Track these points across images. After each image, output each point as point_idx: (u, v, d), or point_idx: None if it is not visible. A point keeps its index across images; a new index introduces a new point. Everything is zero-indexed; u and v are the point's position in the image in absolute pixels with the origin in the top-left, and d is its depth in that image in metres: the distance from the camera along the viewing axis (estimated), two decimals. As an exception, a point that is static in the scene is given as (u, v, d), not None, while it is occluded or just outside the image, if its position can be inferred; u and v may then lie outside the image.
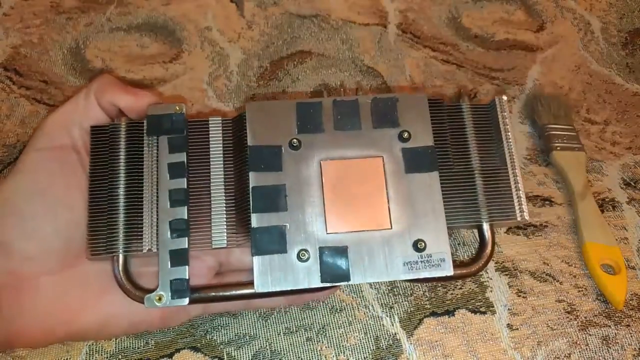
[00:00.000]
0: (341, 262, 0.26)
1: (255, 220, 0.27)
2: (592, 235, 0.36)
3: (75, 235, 0.27)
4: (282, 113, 0.29)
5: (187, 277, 0.26)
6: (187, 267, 0.27)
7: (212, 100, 0.42)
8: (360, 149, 0.28)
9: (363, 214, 0.27)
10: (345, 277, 0.26)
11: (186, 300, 0.26)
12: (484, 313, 0.34)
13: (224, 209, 0.28)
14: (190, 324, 0.32)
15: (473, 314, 0.34)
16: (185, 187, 0.28)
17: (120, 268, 0.27)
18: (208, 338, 0.32)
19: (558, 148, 0.39)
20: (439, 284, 0.35)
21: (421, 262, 0.27)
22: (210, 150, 0.29)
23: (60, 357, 0.31)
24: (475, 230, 0.29)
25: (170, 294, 0.26)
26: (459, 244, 0.36)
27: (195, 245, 0.27)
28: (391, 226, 0.27)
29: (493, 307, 0.34)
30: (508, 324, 0.34)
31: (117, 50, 0.44)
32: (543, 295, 0.35)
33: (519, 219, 0.29)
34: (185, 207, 0.27)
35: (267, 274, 0.26)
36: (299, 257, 0.26)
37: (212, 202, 0.28)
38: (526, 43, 0.47)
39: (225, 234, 0.28)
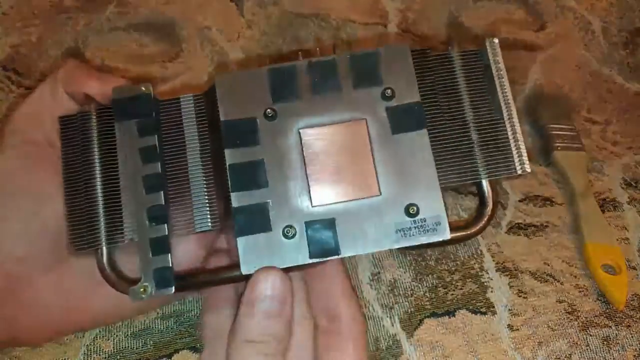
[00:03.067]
0: (329, 235, 0.25)
1: (236, 200, 0.25)
2: (593, 235, 0.36)
3: (61, 226, 0.26)
4: (254, 82, 0.27)
5: (170, 265, 0.25)
6: (169, 255, 0.25)
7: (211, 100, 0.42)
8: (342, 113, 0.27)
9: (349, 182, 0.26)
10: (335, 250, 0.25)
11: (172, 289, 0.25)
12: (485, 313, 0.34)
13: (205, 190, 0.27)
14: (189, 324, 0.32)
15: (473, 314, 0.34)
16: (160, 171, 0.26)
17: (105, 260, 0.26)
18: (207, 338, 0.32)
19: (559, 148, 0.39)
20: (440, 285, 0.34)
21: (415, 227, 0.25)
22: (185, 129, 0.27)
23: (58, 357, 0.31)
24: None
25: (154, 284, 0.25)
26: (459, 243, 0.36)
27: (179, 231, 0.26)
28: (380, 192, 0.26)
29: (494, 307, 0.34)
30: (509, 324, 0.33)
31: (117, 50, 0.44)
32: (544, 295, 0.34)
33: (519, 171, 0.26)
34: (162, 192, 0.26)
35: (252, 254, 0.25)
36: (284, 234, 0.25)
37: (191, 185, 0.27)
38: (527, 43, 0.47)
39: (209, 216, 0.27)
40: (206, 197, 0.27)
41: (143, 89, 0.27)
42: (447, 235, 0.25)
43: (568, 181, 0.38)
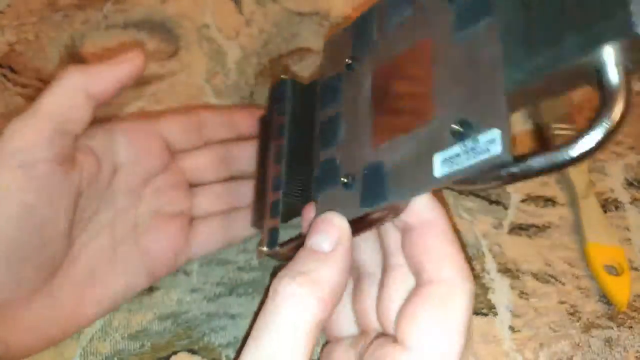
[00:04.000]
0: (378, 180, 0.22)
1: (320, 159, 0.26)
2: (595, 235, 0.36)
3: (59, 248, 0.26)
4: (344, 38, 0.27)
5: (278, 227, 0.27)
6: (279, 218, 0.28)
7: (209, 97, 0.41)
8: (409, 40, 0.23)
9: (407, 114, 0.22)
10: (382, 196, 0.22)
11: (276, 249, 0.27)
12: (486, 315, 0.33)
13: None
14: (187, 325, 0.32)
15: (475, 315, 0.33)
16: (285, 144, 0.29)
17: (266, 234, 0.28)
18: (206, 341, 0.32)
19: (560, 148, 0.39)
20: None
21: (463, 151, 0.18)
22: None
23: (54, 359, 0.31)
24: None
25: (267, 242, 0.27)
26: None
27: (294, 199, 0.28)
28: (433, 116, 0.20)
29: (495, 308, 0.34)
30: (510, 325, 0.33)
31: (114, 48, 0.44)
32: (545, 296, 0.34)
33: None
34: (283, 162, 0.28)
35: (324, 211, 0.24)
36: (346, 185, 0.24)
37: (313, 158, 0.28)
38: (528, 41, 0.47)
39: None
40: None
41: (282, 77, 0.31)
42: (505, 154, 0.17)
43: (569, 181, 0.38)
